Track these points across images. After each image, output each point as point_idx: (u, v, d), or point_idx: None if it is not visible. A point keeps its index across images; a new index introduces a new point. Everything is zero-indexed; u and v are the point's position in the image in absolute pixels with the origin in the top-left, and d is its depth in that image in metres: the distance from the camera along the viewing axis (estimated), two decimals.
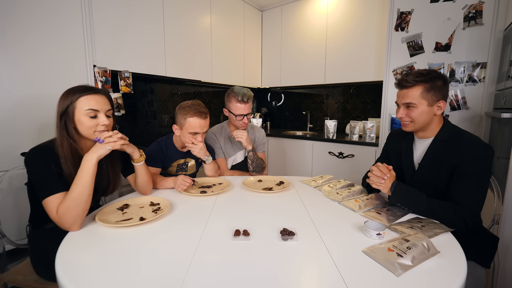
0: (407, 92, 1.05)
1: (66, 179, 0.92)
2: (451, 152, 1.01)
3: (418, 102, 1.03)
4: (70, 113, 0.94)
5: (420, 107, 1.03)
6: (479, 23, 1.72)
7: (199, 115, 1.29)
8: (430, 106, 1.03)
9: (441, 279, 0.63)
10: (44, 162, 0.90)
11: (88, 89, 0.96)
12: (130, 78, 1.94)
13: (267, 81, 3.36)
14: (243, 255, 0.72)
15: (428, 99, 1.02)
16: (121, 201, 1.06)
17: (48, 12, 1.50)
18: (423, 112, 1.03)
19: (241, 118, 1.57)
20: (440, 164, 1.03)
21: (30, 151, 0.92)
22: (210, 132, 1.68)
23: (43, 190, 0.87)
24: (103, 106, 0.98)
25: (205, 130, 1.34)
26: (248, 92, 1.57)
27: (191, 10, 2.37)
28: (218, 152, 1.65)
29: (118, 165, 1.13)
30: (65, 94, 0.96)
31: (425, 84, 1.02)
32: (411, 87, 1.03)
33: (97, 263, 0.68)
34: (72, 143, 0.95)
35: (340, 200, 1.12)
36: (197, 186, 1.28)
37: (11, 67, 1.40)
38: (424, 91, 1.02)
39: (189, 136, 1.31)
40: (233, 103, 1.56)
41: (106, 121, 0.97)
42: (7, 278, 1.02)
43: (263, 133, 1.82)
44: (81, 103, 0.94)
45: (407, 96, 1.05)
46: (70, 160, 0.93)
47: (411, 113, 1.05)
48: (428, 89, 1.02)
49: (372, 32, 2.45)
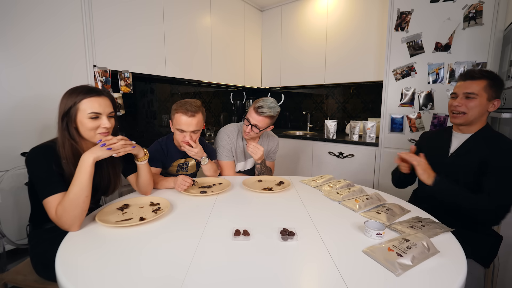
0: (472, 83, 1.09)
1: (67, 179, 0.91)
2: (489, 149, 1.05)
3: (480, 94, 1.08)
4: (72, 115, 0.93)
5: (480, 100, 1.08)
6: (479, 23, 1.72)
7: (185, 112, 1.27)
8: (488, 101, 1.08)
9: (441, 278, 0.63)
10: (45, 162, 0.90)
11: (92, 91, 0.96)
12: (130, 78, 1.94)
13: (267, 81, 3.36)
14: (243, 255, 0.72)
15: (489, 93, 1.07)
16: (121, 201, 1.06)
17: (48, 12, 1.50)
18: (481, 104, 1.08)
19: (247, 124, 1.48)
20: (471, 157, 1.08)
21: (31, 150, 0.92)
22: (224, 133, 1.60)
23: (43, 190, 0.87)
24: (106, 109, 0.97)
25: (191, 129, 1.29)
26: (269, 107, 1.44)
27: (191, 10, 2.37)
28: (228, 155, 1.58)
29: (119, 166, 1.13)
30: (68, 94, 0.95)
31: (490, 80, 1.07)
32: (478, 79, 1.09)
33: (97, 263, 0.68)
34: (73, 144, 0.95)
35: (340, 200, 1.12)
36: (197, 186, 1.28)
37: (11, 67, 1.40)
38: (488, 86, 1.07)
39: (178, 133, 1.31)
40: (251, 107, 1.49)
41: (107, 124, 0.97)
42: (7, 278, 1.02)
43: (277, 142, 1.75)
44: (84, 105, 0.93)
45: (471, 86, 1.09)
46: (71, 161, 0.93)
47: (469, 103, 1.10)
48: (492, 85, 1.07)
49: (372, 32, 2.45)
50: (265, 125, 1.48)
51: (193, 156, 1.35)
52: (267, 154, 1.71)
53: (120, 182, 1.14)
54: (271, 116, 1.46)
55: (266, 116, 1.45)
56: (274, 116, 1.48)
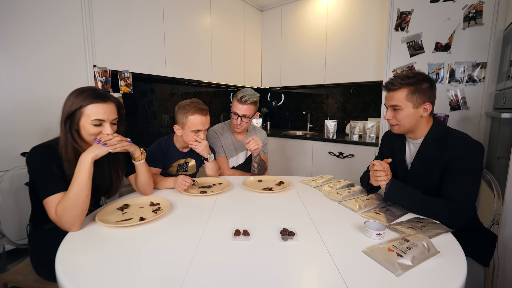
0: (393, 94, 1.07)
1: (68, 181, 0.91)
2: (441, 151, 1.02)
3: (404, 104, 1.04)
4: (76, 118, 0.93)
5: (406, 110, 1.05)
6: (479, 23, 1.72)
7: (200, 112, 1.30)
8: (416, 108, 1.04)
9: (441, 279, 0.63)
10: (45, 162, 0.89)
11: (99, 97, 0.94)
12: (130, 78, 1.94)
13: (267, 81, 3.36)
14: (243, 255, 0.72)
15: (413, 101, 1.04)
16: (121, 201, 1.06)
17: (48, 12, 1.50)
18: (409, 114, 1.05)
19: (235, 118, 1.56)
20: (432, 163, 1.04)
21: (32, 149, 0.91)
22: (211, 130, 1.68)
23: (44, 190, 0.87)
24: (110, 116, 0.96)
25: (206, 127, 1.34)
26: (251, 95, 1.55)
27: (191, 10, 2.37)
28: (219, 150, 1.65)
29: (122, 170, 1.13)
30: (74, 96, 0.94)
31: (410, 86, 1.03)
32: (397, 89, 1.05)
33: (97, 263, 0.68)
34: (76, 147, 0.94)
35: (340, 200, 1.12)
36: (197, 186, 1.28)
37: (11, 67, 1.40)
38: (409, 94, 1.03)
39: (192, 135, 1.31)
40: (234, 101, 1.57)
41: (109, 131, 0.96)
42: (7, 278, 1.02)
43: (264, 135, 1.82)
44: (89, 110, 0.92)
45: (393, 98, 1.07)
46: (73, 163, 0.92)
47: (397, 115, 1.07)
48: (413, 91, 1.03)
49: (372, 32, 2.45)
50: (252, 112, 1.58)
51: (201, 152, 1.35)
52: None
53: (121, 185, 1.14)
54: (254, 102, 1.56)
55: (250, 103, 1.54)
56: (257, 101, 1.59)
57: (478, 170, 0.98)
